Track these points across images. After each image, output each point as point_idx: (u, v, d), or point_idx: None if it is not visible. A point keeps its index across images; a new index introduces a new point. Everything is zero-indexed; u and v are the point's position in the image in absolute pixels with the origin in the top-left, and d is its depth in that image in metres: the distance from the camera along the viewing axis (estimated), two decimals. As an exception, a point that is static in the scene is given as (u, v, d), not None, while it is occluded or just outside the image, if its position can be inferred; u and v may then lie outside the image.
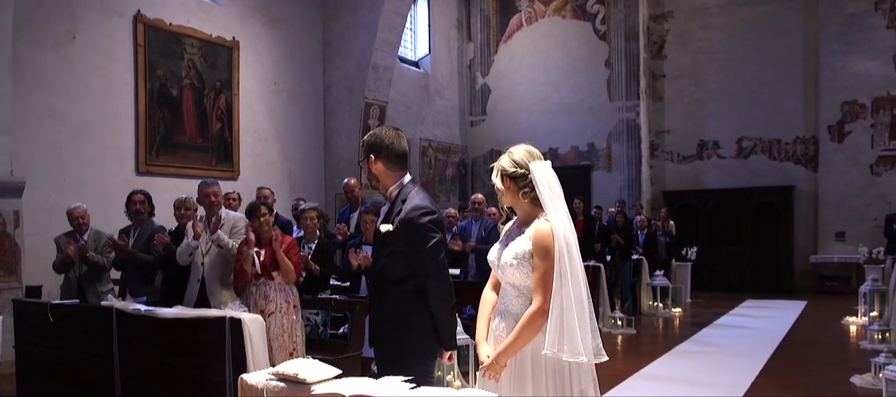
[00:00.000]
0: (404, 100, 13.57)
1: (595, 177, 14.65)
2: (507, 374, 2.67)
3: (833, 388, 6.20)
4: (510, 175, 2.74)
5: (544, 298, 2.60)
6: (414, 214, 2.96)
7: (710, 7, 14.69)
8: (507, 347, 2.63)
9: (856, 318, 9.68)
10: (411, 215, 2.96)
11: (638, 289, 11.09)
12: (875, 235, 12.16)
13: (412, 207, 2.98)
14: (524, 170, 2.73)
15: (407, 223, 2.97)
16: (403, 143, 3.13)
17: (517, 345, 2.62)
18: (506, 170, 2.75)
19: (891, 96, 13.12)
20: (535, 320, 2.60)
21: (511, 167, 2.74)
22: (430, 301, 2.97)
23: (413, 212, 2.97)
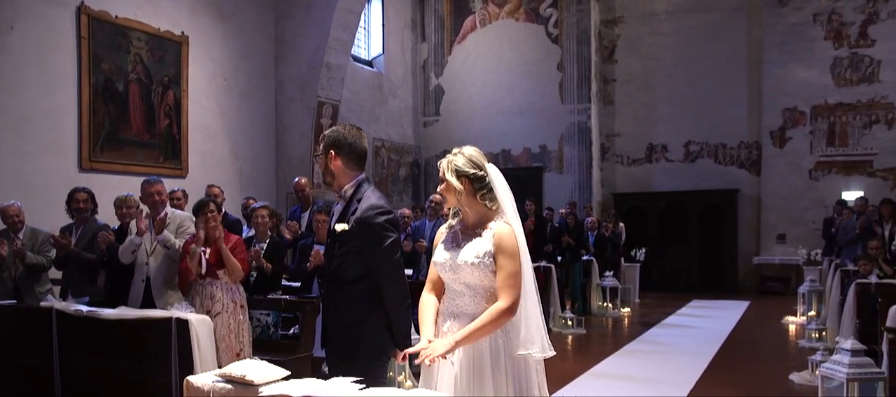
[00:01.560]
0: (358, 99, 13.49)
1: (547, 178, 14.81)
2: (466, 376, 2.65)
3: (773, 385, 6.40)
4: (469, 176, 2.72)
5: (513, 297, 2.61)
6: (370, 213, 2.94)
7: (659, 14, 15.00)
8: (468, 335, 2.59)
9: (795, 318, 10.00)
10: (367, 214, 2.94)
11: (588, 290, 11.25)
12: (813, 237, 12.59)
13: (368, 206, 2.96)
14: (483, 172, 2.73)
15: (363, 222, 2.94)
16: (364, 143, 3.12)
17: (477, 335, 2.60)
18: (464, 170, 2.72)
19: (828, 104, 13.61)
20: (503, 317, 2.60)
21: (469, 167, 2.72)
22: (385, 300, 2.95)
23: (369, 211, 2.95)
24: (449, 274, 2.73)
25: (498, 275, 2.64)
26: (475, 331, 2.59)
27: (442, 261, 2.75)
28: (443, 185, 2.77)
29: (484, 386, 2.63)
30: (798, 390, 6.16)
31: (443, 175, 2.76)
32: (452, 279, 2.73)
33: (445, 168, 2.75)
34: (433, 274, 2.84)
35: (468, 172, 2.71)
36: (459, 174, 2.72)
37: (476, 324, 2.60)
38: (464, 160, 2.73)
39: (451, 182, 2.73)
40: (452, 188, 2.73)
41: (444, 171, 2.75)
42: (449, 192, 2.76)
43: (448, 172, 2.74)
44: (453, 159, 2.75)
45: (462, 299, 2.72)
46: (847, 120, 13.52)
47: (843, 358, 4.46)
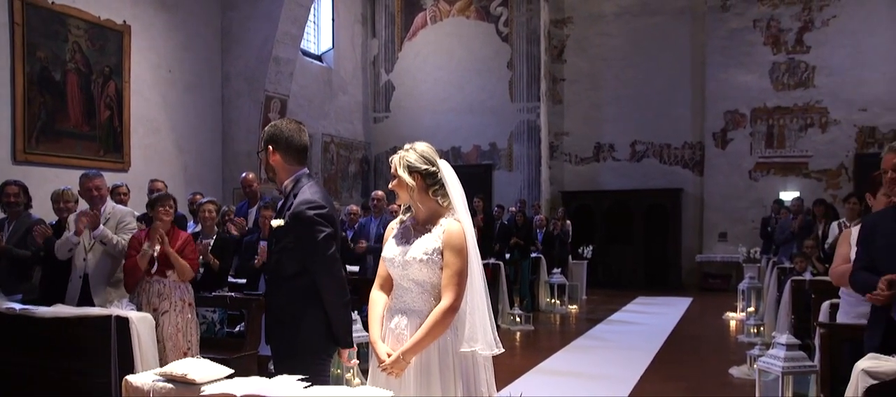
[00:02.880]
0: (306, 94, 13.31)
1: (496, 176, 14.90)
2: (413, 374, 2.65)
3: (713, 379, 6.59)
4: (421, 172, 2.71)
5: (456, 296, 2.62)
6: (301, 208, 2.90)
7: (607, 15, 15.25)
8: (416, 343, 2.60)
9: (735, 313, 10.29)
10: (299, 209, 2.90)
11: (536, 287, 11.37)
12: (753, 236, 13.00)
13: (300, 201, 2.92)
14: (435, 168, 2.72)
15: (295, 217, 2.91)
16: (304, 137, 3.07)
17: (426, 342, 2.61)
18: (416, 166, 2.70)
19: (767, 108, 14.07)
20: (447, 317, 2.61)
21: (422, 163, 2.71)
22: (322, 297, 2.90)
23: (301, 205, 2.91)
24: (398, 270, 2.72)
25: (444, 273, 2.64)
26: (424, 338, 2.61)
27: (391, 257, 2.74)
28: (394, 181, 2.76)
29: (432, 383, 2.63)
30: (737, 384, 6.35)
31: (394, 171, 2.74)
32: (401, 275, 2.72)
33: (397, 164, 2.73)
34: (383, 270, 2.82)
35: (420, 168, 2.71)
36: (411, 170, 2.71)
37: (423, 331, 2.61)
38: (416, 156, 2.72)
39: (402, 178, 2.71)
40: (404, 184, 2.72)
41: (396, 167, 2.73)
42: (401, 188, 2.74)
43: (400, 168, 2.72)
44: (405, 155, 2.73)
45: (409, 295, 2.71)
46: (784, 123, 13.99)
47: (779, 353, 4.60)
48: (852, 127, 13.50)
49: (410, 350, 2.61)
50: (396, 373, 2.62)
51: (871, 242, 3.30)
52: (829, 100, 13.63)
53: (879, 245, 3.24)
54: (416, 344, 2.61)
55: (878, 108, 13.28)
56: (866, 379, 2.69)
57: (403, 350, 2.61)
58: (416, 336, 2.62)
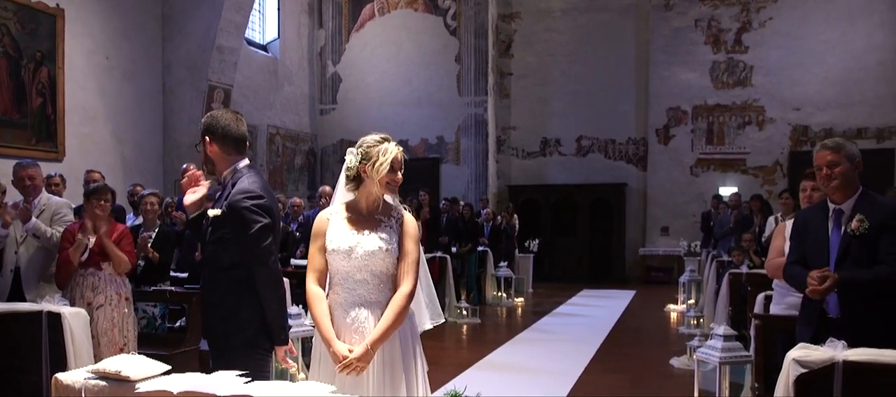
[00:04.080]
0: (251, 84, 13.05)
1: (444, 169, 14.91)
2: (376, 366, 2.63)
3: (655, 370, 6.73)
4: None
5: (415, 282, 2.69)
6: (238, 198, 2.84)
7: (555, 11, 15.40)
8: (383, 333, 2.59)
9: (676, 306, 10.53)
10: (235, 198, 2.84)
11: (483, 280, 11.42)
12: (694, 230, 13.34)
13: (237, 190, 2.86)
14: None
15: (231, 207, 2.84)
16: (242, 127, 3.01)
17: (392, 331, 2.62)
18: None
19: (708, 105, 14.45)
20: (408, 303, 2.67)
21: None
22: (257, 288, 2.83)
23: (237, 194, 2.85)
24: (355, 261, 2.67)
25: (403, 261, 2.69)
26: (389, 328, 2.61)
27: (346, 249, 2.68)
28: (399, 175, 2.74)
29: (396, 373, 2.65)
30: (677, 374, 6.50)
31: (402, 164, 2.74)
32: (358, 267, 2.67)
33: (402, 158, 2.75)
34: (320, 263, 2.76)
35: None
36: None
37: (388, 321, 2.61)
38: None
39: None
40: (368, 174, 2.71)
41: (402, 162, 2.75)
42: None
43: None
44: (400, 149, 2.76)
45: (366, 288, 2.68)
46: (724, 120, 14.40)
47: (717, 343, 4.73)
48: (787, 125, 13.99)
49: (378, 340, 2.59)
50: (363, 368, 2.57)
51: (803, 237, 3.42)
52: (765, 100, 14.09)
53: (809, 240, 3.36)
54: (383, 333, 2.60)
55: (810, 108, 13.79)
56: (797, 368, 2.78)
57: (371, 341, 2.58)
58: (382, 325, 2.61)
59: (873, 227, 3.12)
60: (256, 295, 2.84)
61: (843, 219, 3.23)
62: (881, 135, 13.39)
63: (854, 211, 3.20)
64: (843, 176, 3.21)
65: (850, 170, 3.22)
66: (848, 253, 3.18)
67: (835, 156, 3.22)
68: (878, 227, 3.12)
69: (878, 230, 3.12)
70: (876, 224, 3.13)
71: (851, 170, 3.22)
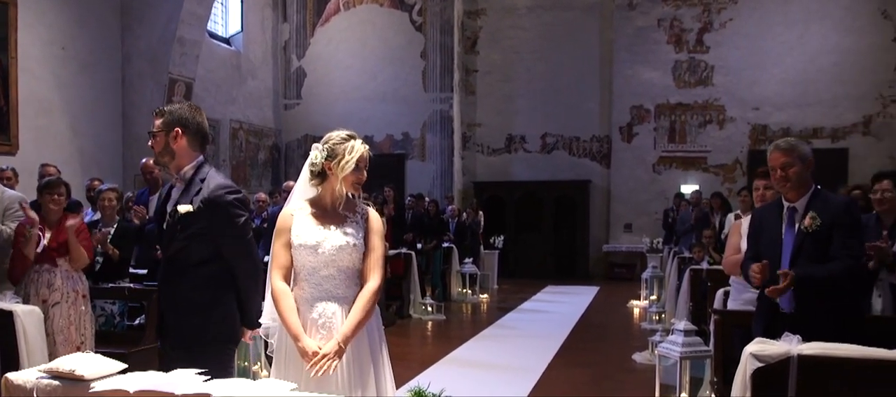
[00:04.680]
0: (214, 78, 12.85)
1: (409, 166, 14.87)
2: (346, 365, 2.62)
3: (618, 364, 6.82)
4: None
5: (382, 277, 2.72)
6: (220, 192, 2.84)
7: (520, 8, 15.47)
8: (353, 330, 2.59)
9: (639, 302, 10.68)
10: (217, 193, 2.83)
11: (448, 276, 11.42)
12: (656, 227, 13.53)
13: (217, 186, 2.85)
14: None
15: (212, 202, 2.82)
16: (207, 124, 3.05)
17: (361, 326, 2.63)
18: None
19: (670, 104, 14.66)
20: (376, 297, 2.69)
21: None
22: (239, 281, 2.87)
23: (219, 190, 2.84)
24: (321, 257, 2.66)
25: (370, 256, 2.70)
26: (359, 323, 2.61)
27: (313, 244, 2.67)
28: (365, 174, 2.75)
29: (364, 368, 2.64)
30: (639, 369, 6.59)
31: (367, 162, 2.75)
32: (325, 262, 2.66)
33: (368, 156, 2.76)
34: (284, 259, 2.73)
35: None
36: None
37: (357, 316, 2.61)
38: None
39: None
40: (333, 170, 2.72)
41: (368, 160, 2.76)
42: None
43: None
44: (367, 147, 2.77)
45: (333, 283, 2.67)
46: (686, 119, 14.62)
47: (677, 338, 4.79)
48: (746, 124, 14.27)
49: (349, 335, 2.59)
50: (334, 364, 2.54)
51: (758, 234, 3.50)
52: (726, 99, 14.35)
53: (764, 237, 3.45)
54: (353, 328, 2.60)
55: (769, 108, 14.09)
56: (754, 362, 2.83)
57: (342, 337, 2.57)
58: (352, 320, 2.61)
59: (825, 225, 3.21)
60: (230, 289, 2.86)
61: (797, 216, 3.31)
62: (836, 135, 13.74)
63: (807, 209, 3.29)
64: (796, 176, 3.30)
65: (803, 171, 3.30)
66: (801, 249, 3.26)
67: (788, 157, 3.31)
68: (829, 225, 3.21)
69: (830, 227, 3.21)
70: (827, 221, 3.21)
71: (804, 170, 3.31)
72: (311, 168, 2.73)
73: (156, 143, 2.94)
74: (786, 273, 3.15)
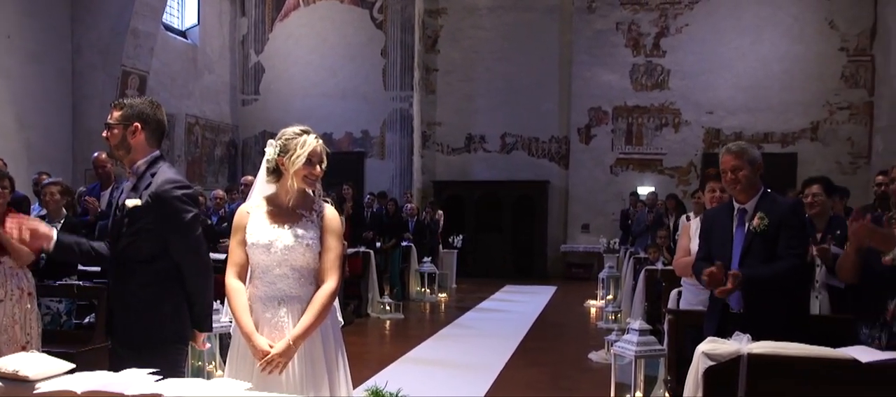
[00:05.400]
0: (169, 71, 12.58)
1: (368, 164, 14.80)
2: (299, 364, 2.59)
3: (574, 364, 6.89)
4: None
5: (338, 278, 2.68)
6: (167, 187, 2.76)
7: (481, 8, 15.53)
8: (305, 329, 2.57)
9: (596, 301, 10.78)
10: (164, 188, 2.76)
11: (407, 275, 11.40)
12: (613, 228, 13.72)
13: (165, 180, 2.78)
14: None
15: (159, 197, 2.75)
16: (166, 121, 3.01)
17: (314, 327, 2.59)
18: None
19: (627, 106, 14.88)
20: (332, 300, 2.65)
21: None
22: (186, 279, 2.79)
23: (166, 184, 2.77)
24: (275, 256, 2.63)
25: (325, 256, 2.67)
26: (311, 324, 2.58)
27: (265, 243, 2.64)
28: (319, 168, 2.70)
29: (317, 369, 2.61)
30: (596, 368, 6.67)
31: (322, 157, 2.70)
32: (278, 261, 2.63)
33: (322, 151, 2.71)
34: (240, 256, 2.71)
35: None
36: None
37: (311, 317, 2.59)
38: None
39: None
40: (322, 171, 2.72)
41: (323, 154, 2.71)
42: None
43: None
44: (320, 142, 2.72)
45: (286, 282, 2.64)
46: (642, 122, 14.87)
47: (632, 338, 4.87)
48: (700, 128, 14.57)
49: (301, 336, 2.57)
50: (284, 364, 2.54)
51: (710, 235, 3.61)
52: (681, 103, 14.63)
53: (715, 237, 3.56)
54: (305, 329, 2.57)
55: (722, 112, 14.42)
56: (705, 361, 2.89)
57: (293, 336, 2.55)
58: (305, 321, 2.58)
59: (772, 225, 3.33)
60: (179, 286, 2.79)
61: (746, 217, 3.43)
62: (785, 140, 14.14)
63: (756, 210, 3.41)
64: (745, 179, 3.42)
65: (751, 174, 3.42)
66: (750, 249, 3.38)
67: (737, 160, 3.43)
68: (776, 225, 3.33)
69: (777, 228, 3.33)
70: (775, 222, 3.33)
71: (752, 173, 3.43)
72: (267, 164, 2.71)
73: (112, 136, 2.87)
74: (733, 274, 3.24)
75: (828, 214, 4.43)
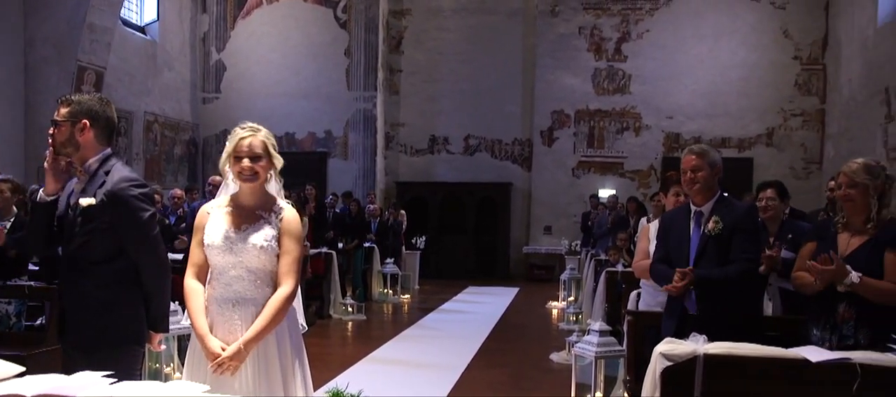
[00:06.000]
0: (127, 68, 12.31)
1: (331, 164, 14.71)
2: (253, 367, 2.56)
3: (535, 364, 6.95)
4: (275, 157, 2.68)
5: (296, 282, 2.64)
6: (124, 186, 2.71)
7: (445, 10, 15.56)
8: (257, 333, 2.54)
9: (557, 302, 10.86)
10: (121, 187, 2.70)
11: (369, 276, 11.35)
12: (574, 229, 13.86)
13: (121, 179, 2.73)
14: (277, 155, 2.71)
15: (116, 196, 2.70)
16: (116, 117, 2.93)
17: (267, 331, 2.56)
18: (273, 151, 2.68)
19: (589, 110, 15.06)
20: (288, 304, 2.60)
21: (275, 149, 2.70)
22: (144, 278, 2.75)
23: (123, 183, 2.71)
24: (230, 257, 2.60)
25: (283, 260, 2.63)
26: (265, 328, 2.55)
27: (220, 244, 2.61)
28: (261, 162, 2.63)
29: (271, 373, 2.58)
30: (557, 369, 6.73)
31: (263, 150, 2.63)
32: (233, 263, 2.60)
33: (266, 141, 2.65)
34: (199, 257, 2.67)
35: (277, 152, 2.71)
36: (276, 151, 2.70)
37: (264, 321, 2.56)
38: (273, 139, 2.71)
39: (274, 157, 2.66)
40: (271, 165, 2.67)
41: (267, 145, 2.65)
42: (266, 170, 2.66)
43: (271, 147, 2.66)
44: (268, 136, 2.67)
45: (242, 284, 2.61)
46: (604, 125, 15.05)
47: (593, 339, 4.93)
48: (660, 132, 14.81)
49: (252, 340, 2.54)
50: (235, 367, 2.52)
51: (668, 237, 3.68)
52: (642, 107, 14.85)
53: (673, 239, 3.63)
54: (257, 333, 2.55)
55: (681, 117, 14.68)
56: (663, 361, 2.94)
57: (244, 340, 2.53)
58: (258, 325, 2.55)
59: (727, 229, 3.42)
60: (135, 287, 2.74)
61: (703, 220, 3.50)
62: (742, 145, 14.46)
63: (712, 213, 3.49)
64: (703, 180, 3.49)
65: (710, 176, 3.50)
66: (705, 251, 3.46)
67: (699, 160, 3.50)
68: (731, 229, 3.42)
69: (731, 232, 3.42)
70: (730, 226, 3.42)
71: (711, 176, 3.50)
72: (221, 164, 2.70)
73: (58, 133, 2.78)
74: (685, 271, 3.33)
75: (780, 218, 4.54)
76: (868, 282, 3.02)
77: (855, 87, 12.42)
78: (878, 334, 3.02)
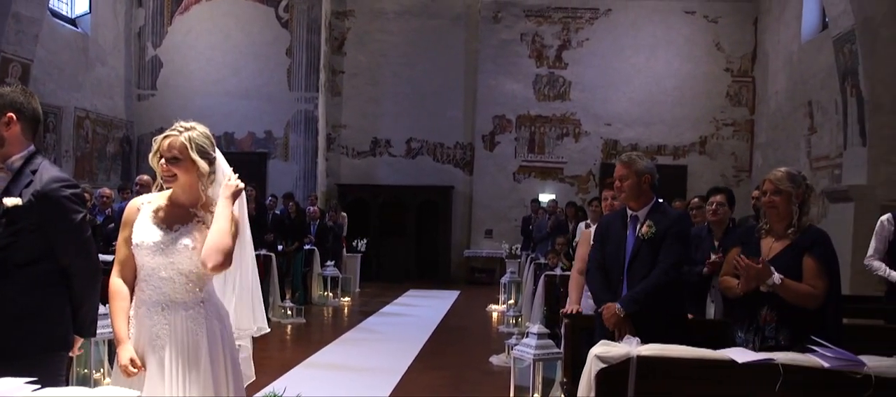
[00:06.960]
0: (56, 61, 11.85)
1: (271, 165, 14.50)
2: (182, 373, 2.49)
3: (475, 367, 7.01)
4: (210, 158, 2.58)
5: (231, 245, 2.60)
6: (54, 186, 2.59)
7: (388, 13, 15.53)
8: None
9: (498, 306, 10.96)
10: (51, 187, 2.59)
11: (309, 279, 11.23)
12: (514, 233, 14.02)
13: (51, 179, 2.61)
14: (214, 155, 2.61)
15: (46, 196, 2.58)
16: (41, 111, 2.80)
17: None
18: (206, 150, 2.56)
19: (530, 115, 15.26)
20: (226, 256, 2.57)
21: (210, 149, 2.58)
22: (73, 283, 2.64)
23: (53, 183, 2.60)
24: (160, 258, 2.52)
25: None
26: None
27: (152, 244, 2.52)
28: (179, 164, 2.53)
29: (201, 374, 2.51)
30: (496, 371, 6.80)
31: (182, 151, 2.51)
32: (164, 264, 2.52)
33: (187, 144, 2.52)
34: (125, 254, 2.59)
35: (210, 154, 2.59)
36: (201, 153, 2.54)
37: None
38: (204, 139, 2.58)
39: (195, 160, 2.52)
40: (192, 167, 2.53)
41: (186, 148, 2.51)
42: (184, 172, 2.54)
43: (191, 150, 2.52)
44: (193, 135, 2.54)
45: (171, 286, 2.53)
46: (545, 131, 15.28)
47: (531, 342, 5.01)
48: (599, 138, 15.13)
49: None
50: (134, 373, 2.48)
51: (604, 239, 3.83)
52: (581, 114, 15.14)
53: (610, 242, 3.79)
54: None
55: (619, 124, 15.04)
56: (598, 363, 3.02)
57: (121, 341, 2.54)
58: None
59: (659, 233, 3.60)
60: (61, 291, 2.63)
61: (638, 224, 3.67)
62: (677, 153, 14.90)
63: (646, 218, 3.67)
64: (629, 188, 3.67)
65: (636, 183, 3.67)
66: (638, 254, 3.64)
67: (625, 170, 3.69)
68: (663, 233, 3.60)
69: (663, 236, 3.59)
70: (662, 230, 3.60)
71: (637, 183, 3.67)
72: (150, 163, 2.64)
73: None
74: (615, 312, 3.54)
75: (726, 223, 4.73)
76: (788, 283, 3.18)
77: (781, 100, 12.97)
78: (796, 335, 3.18)
